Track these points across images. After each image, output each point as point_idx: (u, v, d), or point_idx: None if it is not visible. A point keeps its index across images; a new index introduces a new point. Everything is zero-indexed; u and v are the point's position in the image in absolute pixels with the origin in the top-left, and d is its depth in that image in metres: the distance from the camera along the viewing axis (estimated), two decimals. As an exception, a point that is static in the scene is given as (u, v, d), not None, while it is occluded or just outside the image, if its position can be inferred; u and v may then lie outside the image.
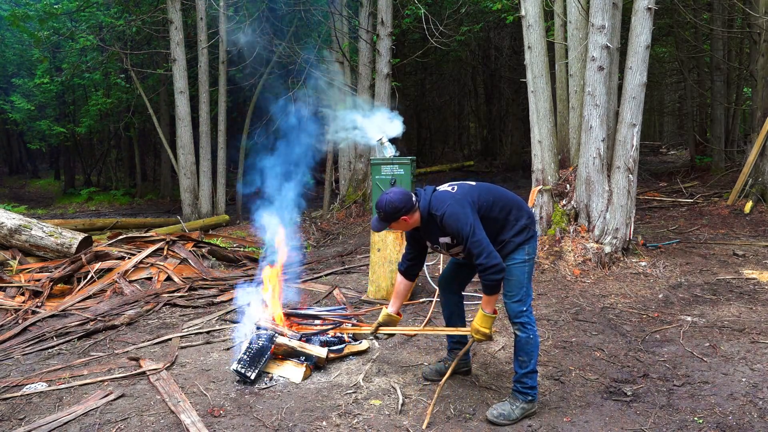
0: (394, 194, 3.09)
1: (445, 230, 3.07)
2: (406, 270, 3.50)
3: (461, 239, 3.00)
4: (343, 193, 11.89)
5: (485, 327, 3.12)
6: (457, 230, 2.99)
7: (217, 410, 3.30)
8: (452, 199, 3.07)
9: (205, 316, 5.21)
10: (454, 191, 3.15)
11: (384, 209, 3.07)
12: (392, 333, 3.65)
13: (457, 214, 3.00)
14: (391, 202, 3.06)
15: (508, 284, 3.19)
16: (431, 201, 3.11)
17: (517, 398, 3.17)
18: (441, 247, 3.23)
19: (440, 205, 3.06)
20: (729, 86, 14.15)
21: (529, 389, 3.17)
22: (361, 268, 7.03)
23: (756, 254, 6.58)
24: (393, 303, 3.57)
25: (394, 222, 3.12)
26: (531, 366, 3.17)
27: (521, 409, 3.14)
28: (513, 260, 3.17)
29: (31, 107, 16.98)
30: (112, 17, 13.13)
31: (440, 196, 3.12)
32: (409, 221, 3.13)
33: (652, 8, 6.03)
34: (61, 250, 6.92)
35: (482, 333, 3.12)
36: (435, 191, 3.19)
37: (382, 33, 10.44)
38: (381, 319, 3.57)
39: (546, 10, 7.52)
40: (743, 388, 3.45)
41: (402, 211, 3.07)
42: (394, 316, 3.58)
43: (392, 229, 3.32)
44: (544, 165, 6.91)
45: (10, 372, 4.02)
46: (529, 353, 3.16)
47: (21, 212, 11.37)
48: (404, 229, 3.24)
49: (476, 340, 3.19)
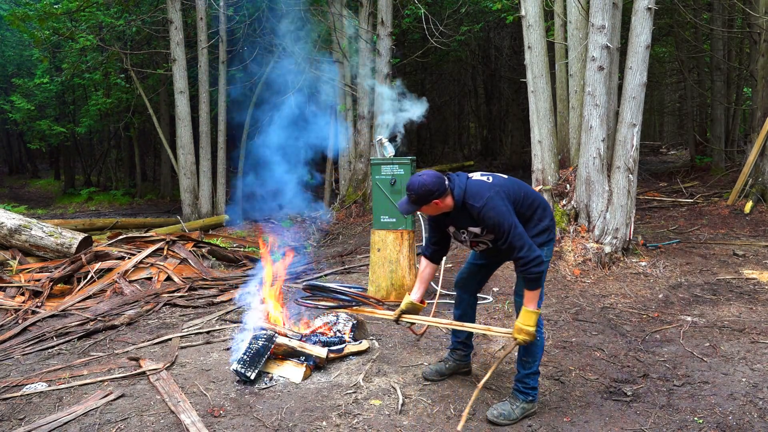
0: (428, 176, 2.99)
1: (481, 222, 3.00)
2: (432, 255, 3.41)
3: (501, 233, 2.93)
4: (343, 193, 11.90)
5: (530, 325, 2.98)
6: (498, 223, 2.92)
7: (217, 410, 3.30)
8: (491, 190, 3.00)
9: (205, 316, 5.21)
10: (490, 182, 3.07)
11: (416, 191, 2.97)
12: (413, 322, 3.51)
13: (498, 207, 2.94)
14: (424, 184, 2.96)
15: (521, 281, 3.17)
16: (467, 189, 3.02)
17: (517, 398, 3.17)
18: (467, 235, 3.15)
19: (478, 196, 2.98)
20: (729, 86, 14.15)
21: (530, 390, 3.17)
22: (361, 268, 7.03)
23: (756, 254, 6.58)
24: (417, 289, 3.43)
25: (425, 205, 3.02)
26: (534, 367, 3.17)
27: (521, 409, 3.14)
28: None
29: (31, 107, 16.98)
30: (112, 17, 13.13)
31: (477, 185, 3.04)
32: (440, 205, 3.03)
33: (652, 8, 6.03)
34: (61, 250, 6.92)
35: (526, 332, 2.98)
36: (469, 179, 3.10)
37: (382, 33, 10.44)
38: (404, 306, 3.43)
39: (546, 10, 7.52)
40: (743, 388, 3.45)
41: (435, 194, 2.97)
42: (418, 303, 3.43)
43: (421, 213, 3.19)
44: (544, 165, 6.91)
45: (10, 372, 4.02)
46: (533, 354, 3.16)
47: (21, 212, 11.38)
48: (434, 213, 3.13)
49: (519, 342, 3.02)
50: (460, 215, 3.09)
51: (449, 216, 3.15)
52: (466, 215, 3.06)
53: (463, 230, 3.15)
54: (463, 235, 3.19)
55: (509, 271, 6.41)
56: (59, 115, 19.20)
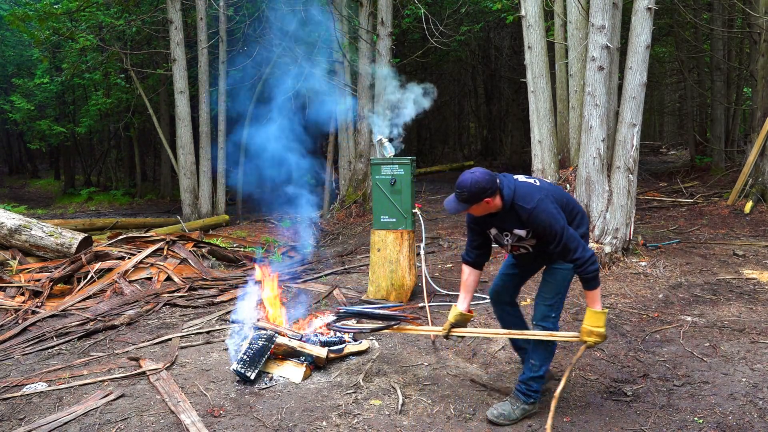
0: (480, 174, 2.91)
1: (530, 224, 2.95)
2: (476, 260, 3.31)
3: (552, 235, 2.90)
4: (343, 193, 11.90)
5: (599, 325, 2.94)
6: (549, 225, 2.89)
7: (217, 410, 3.30)
8: (540, 193, 2.97)
9: (205, 316, 5.21)
10: (538, 185, 3.05)
11: (469, 189, 2.88)
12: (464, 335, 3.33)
13: (549, 209, 2.91)
14: (477, 181, 2.88)
15: (546, 286, 3.16)
16: (516, 190, 2.97)
17: (519, 399, 3.17)
18: (510, 238, 3.09)
19: (529, 197, 2.93)
20: (729, 86, 14.15)
21: (533, 392, 3.16)
22: (361, 268, 7.03)
23: (756, 254, 6.58)
24: (463, 299, 3.30)
25: (476, 204, 2.93)
26: (541, 371, 3.16)
27: (521, 410, 3.14)
28: (563, 265, 3.12)
29: (31, 107, 16.98)
30: (112, 17, 13.13)
31: (526, 187, 3.00)
32: (489, 204, 2.95)
33: (652, 8, 6.03)
34: (61, 250, 6.92)
35: (597, 333, 2.93)
36: (517, 180, 3.05)
37: (382, 33, 10.44)
38: (452, 319, 3.28)
39: (546, 10, 7.53)
40: (743, 388, 3.45)
41: (487, 193, 2.89)
42: (467, 314, 3.31)
43: (469, 212, 3.07)
44: (544, 165, 6.91)
45: (10, 372, 4.02)
46: (542, 359, 3.15)
47: (21, 212, 11.37)
48: (481, 213, 3.03)
49: (590, 345, 2.98)
50: (507, 217, 3.02)
51: (495, 217, 3.06)
52: (514, 217, 3.00)
53: (507, 233, 3.08)
54: (506, 238, 3.12)
55: (509, 271, 6.40)
56: (59, 115, 19.20)
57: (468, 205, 2.94)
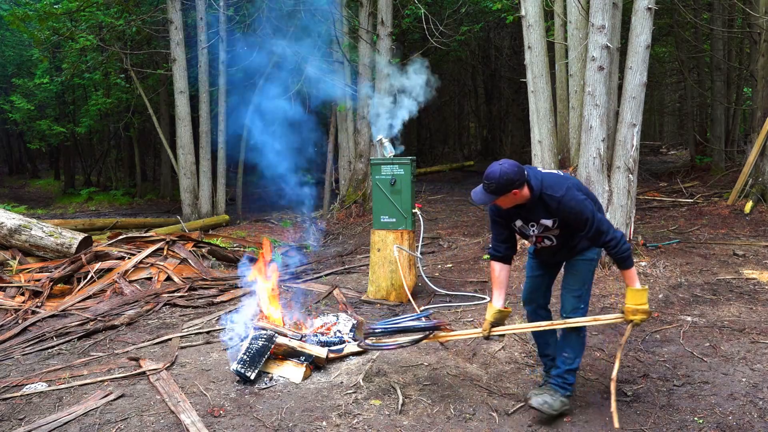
0: (509, 165, 2.91)
1: (560, 212, 2.97)
2: (505, 255, 3.25)
3: (583, 221, 2.93)
4: (343, 193, 11.90)
5: (642, 302, 2.95)
6: (580, 212, 2.92)
7: (217, 410, 3.30)
8: (567, 181, 3.00)
9: (205, 316, 5.21)
10: (563, 174, 3.08)
11: (497, 180, 2.88)
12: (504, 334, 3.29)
13: (577, 197, 2.95)
14: (505, 173, 2.88)
15: (572, 278, 3.18)
16: (543, 180, 2.99)
17: (557, 391, 3.19)
18: (536, 228, 3.10)
19: (557, 186, 2.96)
20: (729, 86, 14.14)
21: (568, 385, 3.20)
22: (361, 268, 7.03)
23: (756, 254, 6.58)
24: (498, 295, 3.24)
25: (504, 195, 2.93)
26: (575, 364, 3.19)
27: (561, 402, 3.17)
28: (584, 256, 3.16)
29: (31, 107, 16.97)
30: (112, 17, 13.11)
31: (553, 177, 3.03)
32: (517, 195, 2.96)
33: (652, 8, 6.03)
34: (61, 250, 6.92)
35: (642, 311, 2.94)
36: (542, 171, 3.07)
37: (382, 33, 10.43)
38: (491, 318, 3.22)
39: (546, 10, 7.53)
40: (743, 388, 3.45)
41: (516, 184, 2.90)
42: (504, 310, 3.25)
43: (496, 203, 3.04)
44: (544, 165, 6.90)
45: (10, 372, 4.02)
46: (575, 351, 3.18)
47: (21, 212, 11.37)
48: (508, 204, 3.03)
49: (636, 323, 2.98)
50: (534, 207, 3.03)
51: (521, 208, 3.06)
52: (541, 207, 3.01)
53: (533, 223, 3.09)
54: (531, 229, 3.12)
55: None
56: (59, 115, 19.18)
57: (496, 196, 2.94)
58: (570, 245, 3.14)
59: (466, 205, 11.59)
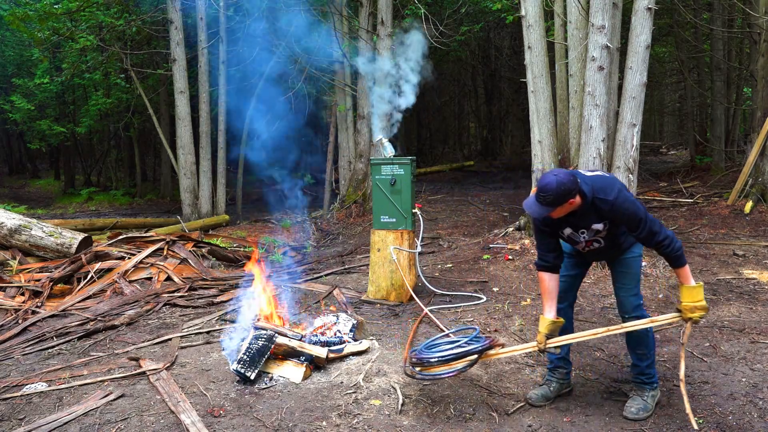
0: (564, 175, 2.86)
1: (614, 214, 2.94)
2: (554, 264, 3.17)
3: (636, 221, 2.90)
4: (343, 193, 11.90)
5: (699, 299, 2.92)
6: (633, 213, 2.90)
7: (217, 410, 3.30)
8: (616, 183, 2.98)
9: (205, 316, 5.21)
10: (609, 176, 3.06)
11: (555, 192, 2.82)
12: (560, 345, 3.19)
13: (630, 198, 2.94)
14: (563, 183, 2.83)
15: (626, 277, 3.18)
16: (594, 184, 2.96)
17: (644, 389, 3.23)
18: (587, 234, 3.06)
19: (609, 189, 2.93)
20: (729, 86, 14.14)
21: (653, 379, 3.24)
22: (361, 268, 7.03)
23: (756, 254, 6.58)
24: (550, 307, 3.16)
25: (561, 206, 2.89)
26: (651, 357, 3.23)
27: (652, 397, 3.22)
28: (632, 253, 3.16)
29: (31, 107, 16.96)
30: (112, 17, 13.11)
31: (602, 179, 3.00)
32: (572, 204, 2.92)
33: (652, 8, 6.03)
34: (61, 250, 6.92)
35: (700, 307, 2.92)
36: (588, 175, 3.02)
37: (382, 33, 10.43)
38: (546, 330, 3.13)
39: (546, 10, 7.53)
40: (743, 388, 3.45)
41: (573, 193, 2.87)
42: (558, 321, 3.17)
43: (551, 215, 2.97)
44: (544, 165, 6.91)
45: (10, 372, 4.02)
46: (648, 346, 3.20)
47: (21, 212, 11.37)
48: (562, 214, 2.97)
49: (695, 321, 2.96)
50: (586, 213, 2.99)
51: (572, 216, 3.01)
52: (593, 212, 2.98)
53: (583, 230, 3.06)
54: (582, 236, 3.09)
55: (509, 271, 6.41)
56: (59, 115, 19.18)
57: (552, 207, 2.90)
58: (617, 244, 3.13)
59: (466, 205, 11.59)
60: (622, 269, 3.21)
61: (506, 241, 7.25)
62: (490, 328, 4.68)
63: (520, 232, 7.37)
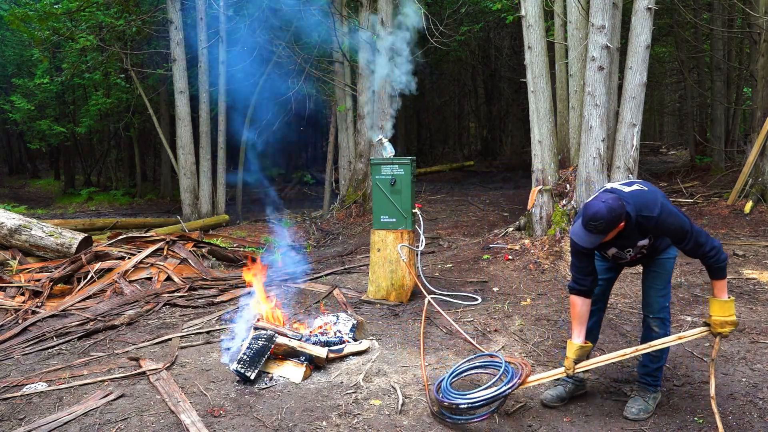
0: (612, 200, 2.82)
1: (659, 230, 2.91)
2: (590, 287, 3.11)
3: (683, 234, 2.85)
4: (343, 193, 11.90)
5: (730, 314, 2.90)
6: (679, 226, 2.85)
7: (217, 410, 3.30)
8: (657, 196, 2.93)
9: (205, 316, 5.21)
10: (647, 189, 2.99)
11: (607, 219, 2.78)
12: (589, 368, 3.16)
13: (673, 211, 2.89)
14: (613, 209, 2.79)
15: (658, 278, 3.18)
16: (635, 203, 2.90)
17: (648, 390, 3.24)
18: (632, 251, 3.05)
19: (652, 205, 2.88)
20: (729, 86, 14.14)
21: (658, 381, 3.26)
22: (361, 268, 7.02)
23: (756, 254, 6.58)
24: (578, 332, 3.12)
25: (611, 231, 2.84)
26: (663, 361, 3.24)
27: (653, 399, 3.23)
28: (667, 255, 3.15)
29: (31, 107, 16.96)
30: (112, 17, 13.11)
31: (642, 195, 2.93)
32: (620, 227, 2.87)
33: (652, 8, 6.03)
34: (61, 250, 6.92)
35: (731, 322, 2.90)
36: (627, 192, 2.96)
37: (382, 33, 10.43)
38: (574, 355, 3.09)
39: (546, 10, 7.53)
40: (743, 388, 3.45)
41: (622, 217, 2.82)
42: (586, 346, 3.14)
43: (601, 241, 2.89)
44: (544, 165, 6.91)
45: (10, 372, 4.02)
46: (663, 349, 3.20)
47: (21, 212, 11.37)
48: (610, 238, 2.92)
49: (725, 335, 2.95)
50: (632, 231, 2.95)
51: (619, 237, 2.97)
52: (637, 230, 2.95)
53: (629, 249, 3.04)
54: (628, 254, 3.08)
55: (509, 271, 6.41)
56: (59, 115, 19.18)
57: (605, 235, 2.85)
58: (658, 250, 3.12)
59: (466, 205, 11.59)
60: (655, 269, 3.19)
61: (506, 241, 7.25)
62: (490, 328, 4.68)
63: (520, 232, 7.37)
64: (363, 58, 10.87)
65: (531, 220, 7.06)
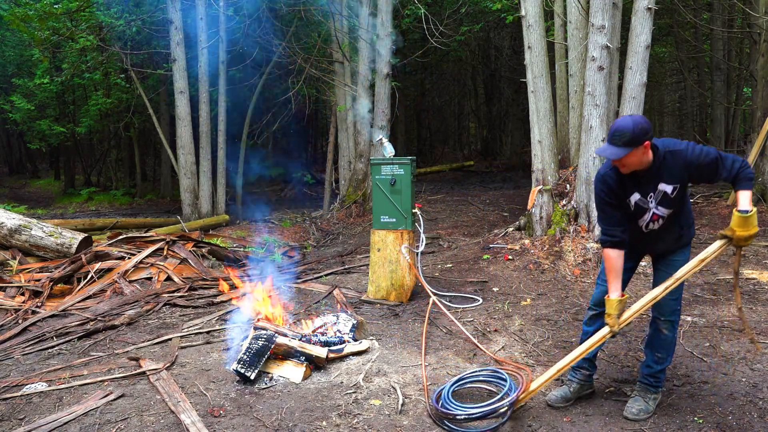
0: (639, 117, 2.83)
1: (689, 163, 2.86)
2: (621, 239, 3.01)
3: (714, 162, 2.82)
4: (343, 193, 11.90)
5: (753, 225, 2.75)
6: (707, 154, 2.84)
7: (217, 410, 3.30)
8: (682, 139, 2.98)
9: (205, 316, 5.21)
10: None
11: (633, 130, 2.75)
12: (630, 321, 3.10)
13: (699, 145, 2.89)
14: (639, 122, 2.78)
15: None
16: (664, 142, 2.93)
17: (649, 391, 3.24)
18: (654, 197, 2.96)
19: (678, 143, 2.92)
20: (729, 86, 14.15)
21: (660, 383, 3.25)
22: (361, 268, 7.03)
23: (756, 254, 6.58)
24: (615, 286, 3.04)
25: (636, 147, 2.78)
26: (667, 362, 3.25)
27: (654, 400, 3.22)
28: (682, 255, 3.14)
29: (31, 107, 16.96)
30: (112, 17, 13.11)
31: (670, 139, 2.98)
32: (646, 152, 2.84)
33: (652, 8, 6.03)
34: (61, 250, 6.92)
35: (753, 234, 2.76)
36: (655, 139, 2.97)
37: (382, 33, 10.43)
38: (616, 311, 3.01)
39: (546, 10, 7.53)
40: (743, 388, 3.45)
41: (648, 134, 2.79)
42: (624, 297, 3.06)
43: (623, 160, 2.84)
44: (544, 165, 6.91)
45: (10, 372, 4.02)
46: (668, 351, 3.23)
47: (21, 212, 11.37)
48: (634, 166, 2.87)
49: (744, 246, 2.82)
50: (653, 173, 2.92)
51: (640, 177, 2.94)
52: (663, 170, 2.91)
53: (651, 193, 2.95)
54: (650, 201, 2.98)
55: (509, 271, 6.41)
56: (59, 115, 19.17)
57: (630, 148, 2.79)
58: (674, 230, 3.07)
59: (466, 205, 11.59)
60: (669, 271, 3.13)
61: (506, 241, 7.25)
62: (490, 327, 4.68)
63: (520, 232, 7.37)
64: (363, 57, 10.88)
65: (531, 220, 7.06)
